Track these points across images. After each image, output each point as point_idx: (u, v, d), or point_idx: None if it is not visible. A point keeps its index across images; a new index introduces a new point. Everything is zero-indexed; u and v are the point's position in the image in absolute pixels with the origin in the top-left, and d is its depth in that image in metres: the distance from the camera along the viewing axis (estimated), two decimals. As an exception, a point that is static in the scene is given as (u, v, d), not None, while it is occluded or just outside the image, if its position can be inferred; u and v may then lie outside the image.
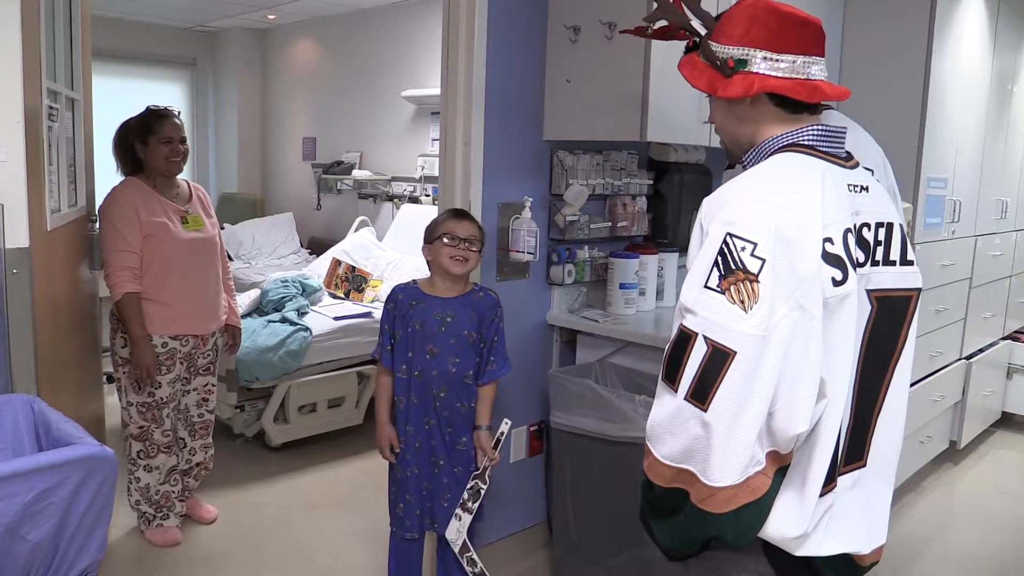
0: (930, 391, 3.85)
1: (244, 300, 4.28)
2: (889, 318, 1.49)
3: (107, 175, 3.14)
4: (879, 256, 1.47)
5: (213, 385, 3.27)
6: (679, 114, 2.71)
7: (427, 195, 5.82)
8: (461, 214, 2.49)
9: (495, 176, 2.77)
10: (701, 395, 1.28)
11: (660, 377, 1.37)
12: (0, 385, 1.72)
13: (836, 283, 1.33)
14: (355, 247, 5.26)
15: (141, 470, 3.08)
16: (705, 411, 1.28)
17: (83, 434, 1.52)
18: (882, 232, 1.48)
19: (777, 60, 1.42)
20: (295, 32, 7.04)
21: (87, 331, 2.93)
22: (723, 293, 1.29)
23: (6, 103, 1.76)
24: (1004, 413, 4.92)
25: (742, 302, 1.28)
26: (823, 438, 1.37)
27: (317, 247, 6.57)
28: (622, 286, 3.03)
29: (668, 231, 3.32)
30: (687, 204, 3.34)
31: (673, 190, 3.30)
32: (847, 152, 1.49)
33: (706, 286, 1.31)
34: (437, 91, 5.49)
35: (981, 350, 4.52)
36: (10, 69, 1.79)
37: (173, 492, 3.15)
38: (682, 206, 3.33)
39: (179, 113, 3.15)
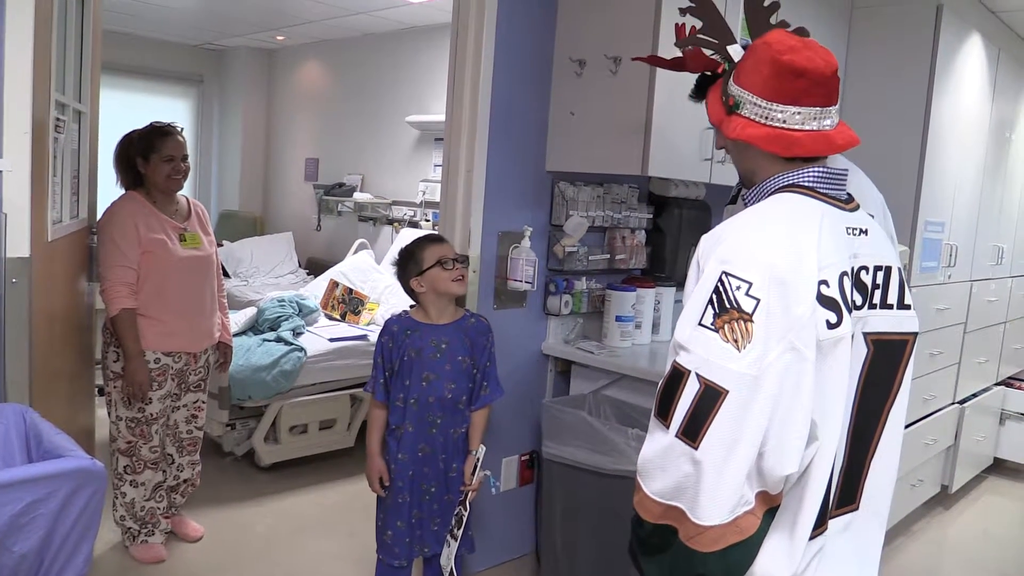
0: (923, 435, 3.84)
1: (240, 318, 4.28)
2: (885, 361, 1.49)
3: (109, 187, 3.15)
4: (876, 299, 1.47)
5: (203, 402, 3.26)
6: (680, 150, 2.74)
7: (427, 220, 5.84)
8: (439, 239, 2.51)
9: (496, 204, 2.79)
10: (692, 433, 1.28)
11: (652, 413, 1.37)
12: (-8, 394, 1.72)
13: (831, 326, 1.33)
14: (353, 269, 5.27)
15: (127, 485, 3.06)
16: (696, 449, 1.28)
17: (74, 447, 1.52)
18: (880, 275, 1.48)
19: (765, 108, 1.43)
20: (302, 54, 7.10)
21: (82, 342, 2.92)
22: (717, 331, 1.29)
23: (14, 114, 1.78)
24: (996, 459, 4.91)
25: (735, 341, 1.28)
26: (814, 480, 1.37)
27: (316, 268, 6.58)
28: (618, 319, 3.04)
29: (666, 265, 3.33)
30: (686, 239, 3.35)
31: (672, 225, 3.32)
32: (848, 194, 1.50)
33: (700, 324, 1.31)
34: (441, 117, 5.52)
35: (974, 395, 4.52)
36: (20, 80, 1.80)
37: (159, 508, 3.13)
38: (681, 241, 3.34)
39: (182, 130, 3.17)
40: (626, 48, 2.64)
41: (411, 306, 2.55)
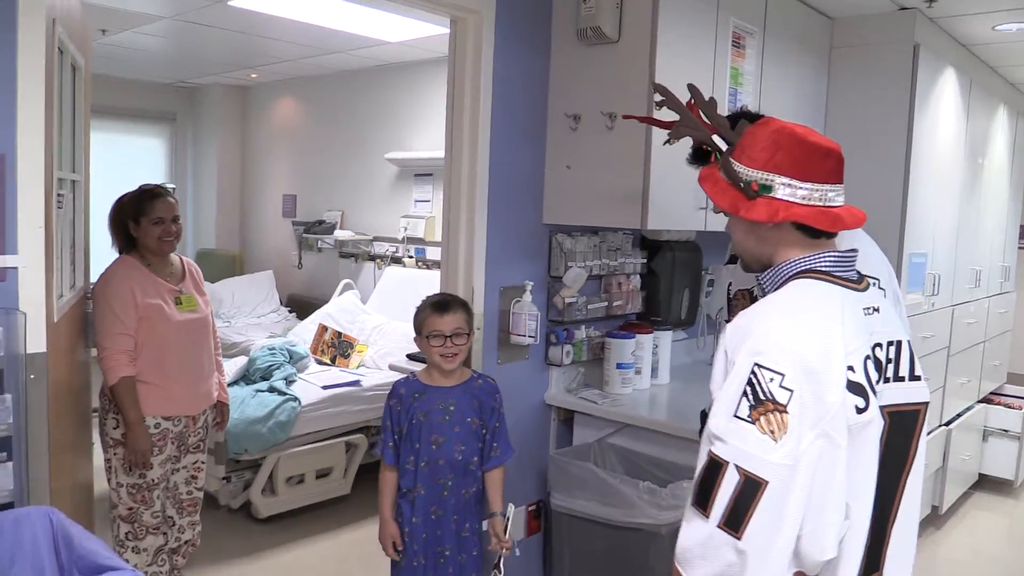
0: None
1: (230, 367, 4.24)
2: (900, 432, 1.54)
3: (97, 246, 3.12)
4: (889, 373, 1.52)
5: (202, 462, 3.23)
6: (677, 202, 2.78)
7: (410, 256, 5.84)
8: (443, 306, 2.44)
9: (496, 260, 2.81)
10: (735, 523, 1.31)
11: (690, 502, 1.40)
12: (14, 495, 1.70)
13: (859, 411, 1.38)
14: (340, 311, 5.25)
15: (129, 552, 3.01)
16: (739, 539, 1.31)
17: (109, 553, 1.50)
18: (892, 350, 1.53)
19: (798, 188, 1.47)
20: (277, 90, 7.08)
21: (81, 406, 2.89)
22: (754, 423, 1.32)
23: (29, 209, 1.76)
24: (980, 475, 5.01)
25: (772, 432, 1.31)
26: (848, 557, 1.42)
27: (298, 305, 6.54)
28: (619, 366, 3.07)
29: (661, 308, 3.37)
30: (679, 281, 3.40)
31: (666, 268, 3.36)
32: (858, 273, 1.54)
33: (736, 416, 1.34)
34: (421, 154, 5.63)
35: (959, 415, 4.62)
36: (33, 173, 1.79)
37: (161, 573, 3.09)
38: (675, 283, 3.39)
39: (174, 190, 3.15)
40: (622, 104, 2.67)
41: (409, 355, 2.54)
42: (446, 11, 2.63)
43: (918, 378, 1.57)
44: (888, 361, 1.51)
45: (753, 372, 1.34)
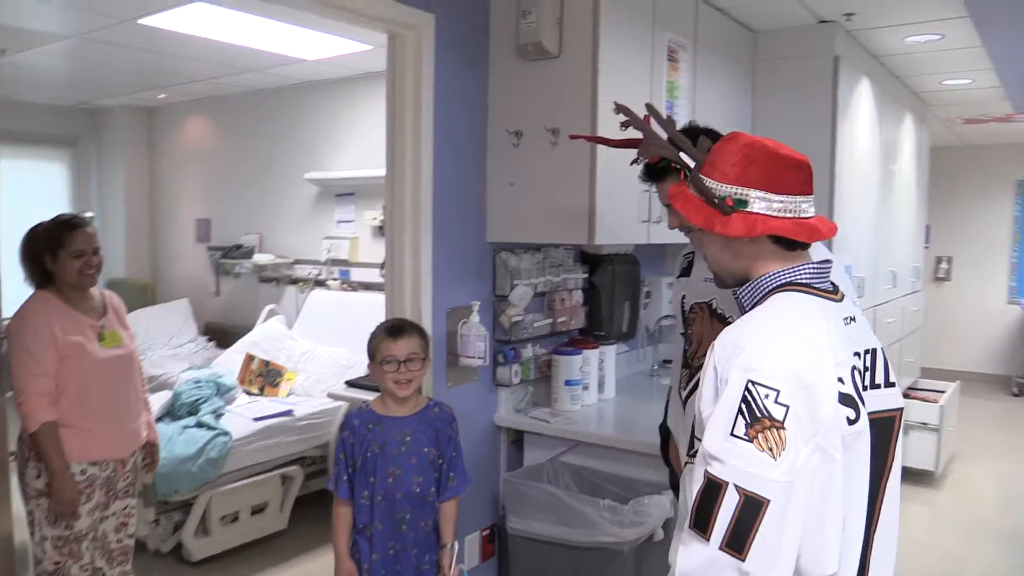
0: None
1: (154, 403, 4.01)
2: (880, 438, 1.54)
3: (8, 281, 2.90)
4: (867, 381, 1.53)
5: (133, 508, 3.03)
6: (622, 216, 2.78)
7: (335, 279, 5.69)
8: (397, 330, 2.36)
9: (442, 282, 2.74)
10: (737, 544, 1.29)
11: (688, 525, 1.36)
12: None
13: (851, 422, 1.38)
14: (266, 338, 5.07)
15: (56, 609, 2.80)
16: (743, 560, 1.28)
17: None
18: (868, 358, 1.54)
19: (773, 201, 1.46)
20: (187, 110, 6.81)
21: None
22: (751, 441, 1.30)
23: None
24: (903, 468, 5.17)
25: (771, 450, 1.29)
26: (843, 570, 1.41)
27: (217, 334, 6.29)
28: (568, 383, 3.04)
29: (604, 322, 3.36)
30: (620, 294, 3.41)
31: (607, 282, 3.35)
32: (832, 284, 1.55)
33: (732, 434, 1.32)
34: (342, 174, 5.50)
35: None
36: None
37: (91, 629, 2.88)
38: (615, 297, 3.39)
39: (92, 219, 2.97)
40: (564, 120, 2.66)
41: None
42: (384, 27, 2.56)
43: (892, 384, 1.58)
44: (866, 369, 1.52)
45: (747, 389, 1.32)
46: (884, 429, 1.57)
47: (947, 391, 5.37)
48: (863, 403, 1.41)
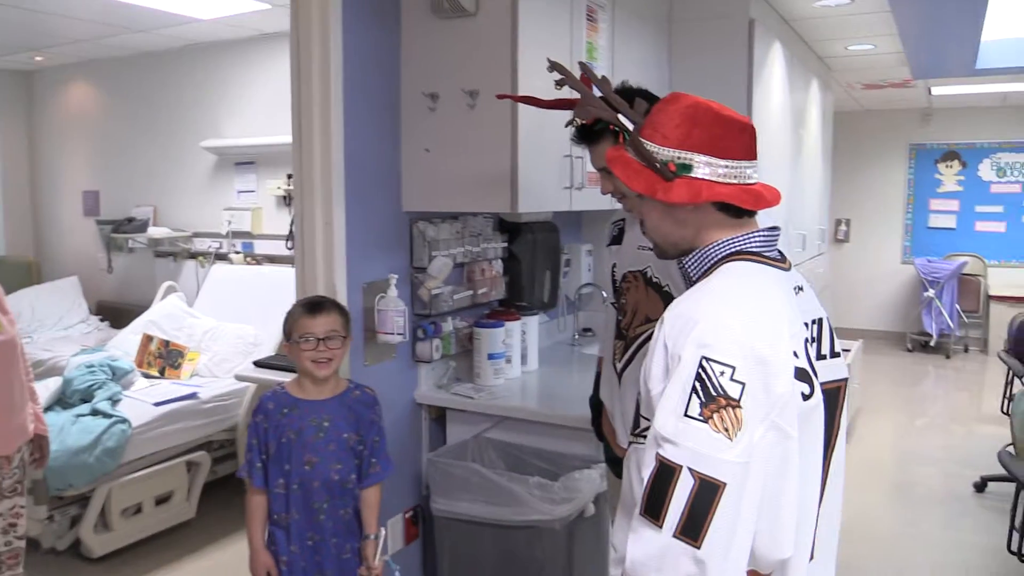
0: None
1: (42, 391, 3.70)
2: (826, 410, 1.49)
3: None
4: (814, 352, 1.47)
5: (21, 507, 2.77)
6: (545, 183, 2.67)
7: (237, 252, 5.41)
8: (316, 307, 2.22)
9: (357, 255, 2.58)
10: (692, 532, 1.21)
11: (639, 511, 1.28)
12: None
13: (806, 397, 1.32)
14: (164, 317, 4.77)
15: (-61, 623, 2.56)
16: (699, 548, 1.21)
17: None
18: (815, 328, 1.48)
19: (718, 166, 1.38)
20: (68, 74, 6.33)
21: None
22: (706, 422, 1.22)
23: None
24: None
25: (727, 430, 1.22)
26: (800, 549, 1.35)
27: (110, 313, 5.92)
28: (490, 356, 2.93)
29: (524, 292, 3.27)
30: (540, 263, 3.32)
31: (527, 251, 3.25)
32: (779, 252, 1.48)
33: (687, 415, 1.24)
34: (240, 141, 5.22)
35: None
36: None
37: (-21, 642, 2.65)
38: (536, 266, 3.30)
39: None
40: (483, 81, 2.52)
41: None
42: (286, -20, 2.36)
43: (837, 355, 1.53)
44: (814, 339, 1.46)
45: (701, 366, 1.24)
46: (830, 401, 1.51)
47: (852, 349, 5.52)
48: (816, 376, 1.35)
